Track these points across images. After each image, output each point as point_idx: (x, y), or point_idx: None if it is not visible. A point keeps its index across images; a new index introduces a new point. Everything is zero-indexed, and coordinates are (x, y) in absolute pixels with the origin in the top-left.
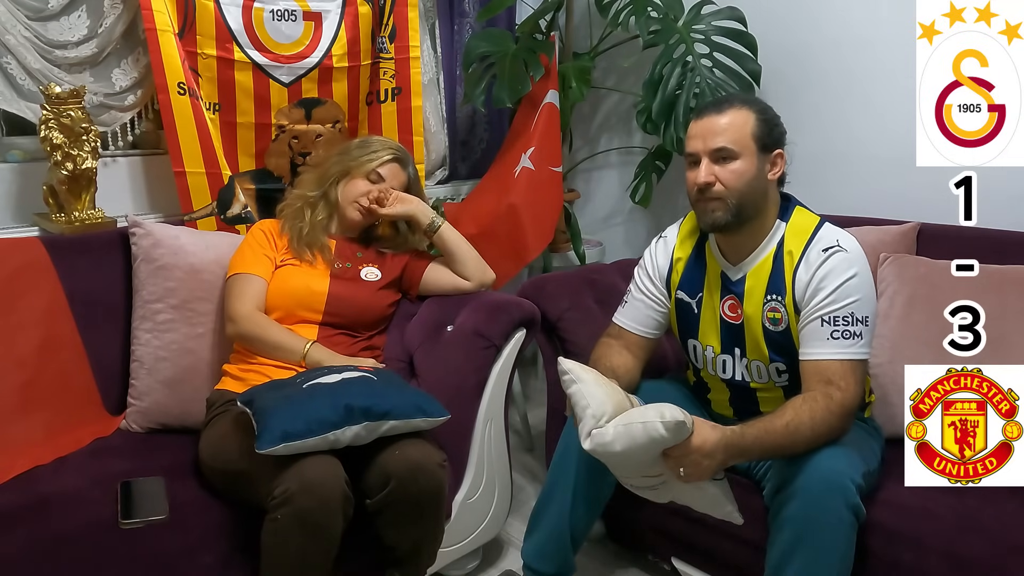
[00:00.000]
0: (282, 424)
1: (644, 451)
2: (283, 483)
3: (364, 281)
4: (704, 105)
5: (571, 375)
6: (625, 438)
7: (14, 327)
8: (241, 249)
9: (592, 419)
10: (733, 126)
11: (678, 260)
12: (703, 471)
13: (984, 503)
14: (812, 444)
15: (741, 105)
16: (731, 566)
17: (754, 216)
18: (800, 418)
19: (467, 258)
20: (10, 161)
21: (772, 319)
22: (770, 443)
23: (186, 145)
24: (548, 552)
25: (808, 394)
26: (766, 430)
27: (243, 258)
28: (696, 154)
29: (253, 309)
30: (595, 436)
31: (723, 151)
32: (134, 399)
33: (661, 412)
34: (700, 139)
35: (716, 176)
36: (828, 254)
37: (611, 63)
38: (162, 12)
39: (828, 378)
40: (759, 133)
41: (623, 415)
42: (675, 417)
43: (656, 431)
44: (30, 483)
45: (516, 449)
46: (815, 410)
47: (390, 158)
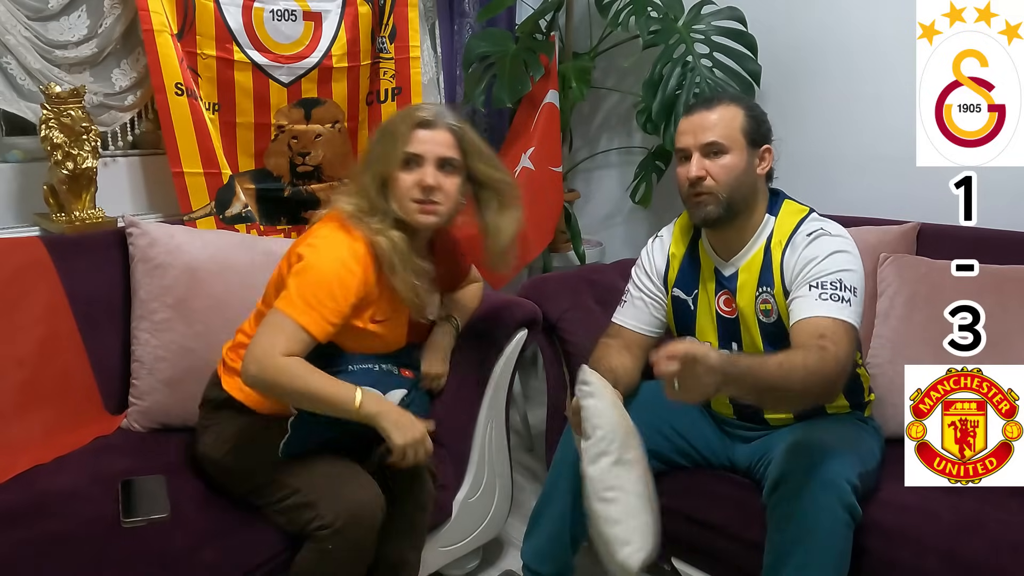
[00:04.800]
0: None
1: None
2: (331, 513)
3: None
4: (693, 103)
5: (591, 387)
6: (604, 515)
7: (14, 327)
8: (315, 278)
9: (599, 443)
10: (723, 121)
11: (673, 258)
12: (698, 389)
13: (984, 503)
14: (805, 390)
15: (730, 102)
16: (731, 566)
17: (744, 211)
18: (793, 361)
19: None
20: (10, 161)
21: (764, 311)
22: (762, 378)
23: (184, 145)
24: (548, 552)
25: (800, 346)
26: (759, 364)
27: (312, 302)
28: (687, 149)
29: (294, 364)
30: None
31: (714, 145)
32: (135, 399)
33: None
34: (691, 134)
35: (707, 170)
36: (813, 237)
37: (611, 63)
38: (159, 13)
39: (820, 332)
40: (748, 128)
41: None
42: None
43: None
44: (30, 482)
45: (516, 449)
46: (808, 357)
47: (414, 125)
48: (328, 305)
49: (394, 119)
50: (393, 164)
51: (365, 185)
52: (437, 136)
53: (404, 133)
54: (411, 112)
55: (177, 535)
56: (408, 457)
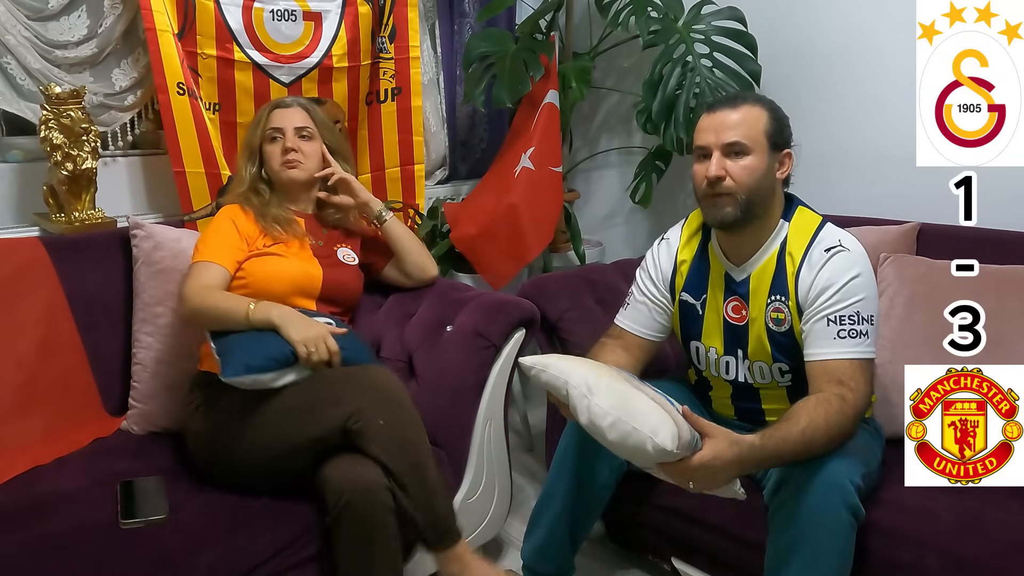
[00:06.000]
0: (244, 356)
1: (631, 453)
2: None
3: (346, 264)
4: (717, 100)
5: (535, 368)
6: (618, 432)
7: (14, 327)
8: (205, 237)
9: (576, 389)
10: (747, 122)
11: (682, 262)
12: (715, 485)
13: (984, 503)
14: (826, 448)
15: (754, 103)
16: (731, 566)
17: (761, 214)
18: (815, 423)
19: (410, 253)
20: (10, 161)
21: (776, 319)
22: (788, 451)
23: (185, 145)
24: (548, 552)
25: (821, 396)
26: (784, 439)
27: (207, 246)
28: (707, 147)
29: (204, 284)
30: (595, 415)
31: (736, 145)
32: (136, 402)
33: (656, 427)
34: (713, 132)
35: (727, 170)
36: (831, 254)
37: (611, 63)
38: (161, 12)
39: (839, 378)
40: (771, 131)
41: (626, 406)
42: (664, 444)
43: (643, 444)
44: (30, 483)
45: (516, 449)
46: (830, 414)
47: (270, 109)
48: (214, 242)
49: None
50: (260, 139)
51: (240, 166)
52: (291, 112)
53: (265, 115)
54: (271, 102)
55: (176, 536)
56: (311, 354)
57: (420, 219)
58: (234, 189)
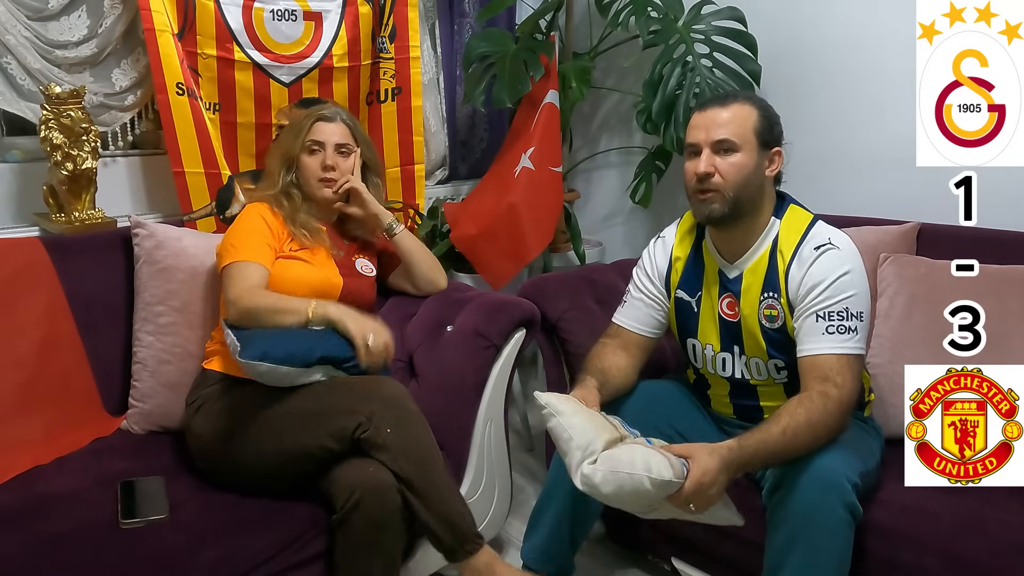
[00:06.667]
0: (264, 345)
1: (631, 497)
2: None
3: (362, 275)
4: (708, 98)
5: (549, 409)
6: (612, 484)
7: (14, 327)
8: (237, 234)
9: (579, 451)
10: (736, 119)
11: (677, 259)
12: (711, 500)
13: (984, 503)
14: (813, 444)
15: (744, 100)
16: (731, 566)
17: (750, 212)
18: (796, 421)
19: (420, 266)
20: (10, 161)
21: (768, 316)
22: (771, 450)
23: (185, 145)
24: (548, 552)
25: (804, 395)
26: (763, 440)
27: (245, 244)
28: (697, 145)
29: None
30: (585, 476)
31: (725, 143)
32: (136, 401)
33: (648, 465)
34: (703, 130)
35: (716, 167)
36: (820, 251)
37: (611, 63)
38: (161, 12)
39: (824, 374)
40: (760, 129)
41: (611, 459)
42: (661, 475)
43: (642, 484)
44: (30, 483)
45: (516, 449)
46: (811, 411)
47: (313, 120)
48: (252, 240)
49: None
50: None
51: (272, 170)
52: (333, 127)
53: (308, 125)
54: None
55: (176, 536)
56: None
57: (420, 219)
58: (263, 188)
